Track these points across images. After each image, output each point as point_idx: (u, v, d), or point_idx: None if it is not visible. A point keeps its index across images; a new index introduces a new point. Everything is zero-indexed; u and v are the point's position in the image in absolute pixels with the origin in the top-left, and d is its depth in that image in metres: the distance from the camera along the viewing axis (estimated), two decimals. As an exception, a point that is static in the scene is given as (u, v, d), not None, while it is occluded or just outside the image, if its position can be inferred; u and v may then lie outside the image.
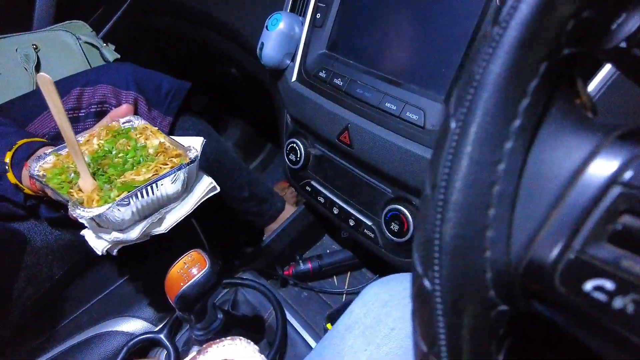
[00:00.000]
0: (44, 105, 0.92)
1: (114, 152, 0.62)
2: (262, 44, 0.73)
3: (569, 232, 0.20)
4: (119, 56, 1.09)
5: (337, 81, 0.67)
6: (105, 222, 0.55)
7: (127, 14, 1.22)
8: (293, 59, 0.75)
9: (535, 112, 0.21)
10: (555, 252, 0.20)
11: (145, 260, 0.90)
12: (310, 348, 0.72)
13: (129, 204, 0.54)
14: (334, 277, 0.91)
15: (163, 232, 0.59)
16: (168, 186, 0.57)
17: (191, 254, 0.58)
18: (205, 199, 0.63)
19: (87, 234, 0.58)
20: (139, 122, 0.70)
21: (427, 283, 0.23)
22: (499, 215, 0.21)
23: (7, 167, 0.70)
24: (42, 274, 0.87)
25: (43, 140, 0.77)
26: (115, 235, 0.55)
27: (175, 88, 0.92)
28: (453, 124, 0.23)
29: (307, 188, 0.79)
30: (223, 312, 0.65)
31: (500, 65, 0.21)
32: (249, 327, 0.71)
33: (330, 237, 1.00)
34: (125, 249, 0.64)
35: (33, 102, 0.91)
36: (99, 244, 0.57)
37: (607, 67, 0.45)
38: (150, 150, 0.62)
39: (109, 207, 0.52)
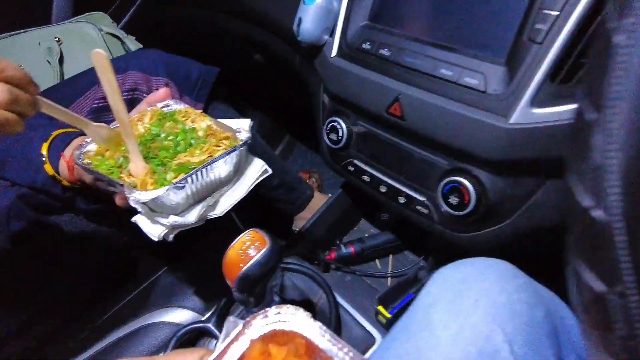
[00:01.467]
0: (72, 98, 0.90)
1: (162, 135, 0.60)
2: (300, 19, 0.71)
3: None
4: (141, 46, 1.07)
5: (384, 51, 0.64)
6: (160, 207, 0.53)
7: (145, 4, 1.20)
8: (331, 34, 0.72)
9: None
10: None
11: (183, 249, 0.88)
12: (365, 330, 0.70)
13: (184, 186, 0.52)
14: (376, 260, 0.89)
15: (218, 215, 0.58)
16: (222, 168, 0.56)
17: (249, 233, 0.56)
18: (258, 181, 0.61)
19: (141, 220, 0.56)
20: (177, 106, 0.68)
21: (600, 214, 0.20)
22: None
23: (44, 159, 0.68)
24: (79, 268, 0.85)
25: (77, 130, 0.75)
26: (174, 218, 0.53)
27: (205, 74, 0.90)
28: (620, 37, 0.20)
29: (350, 168, 0.76)
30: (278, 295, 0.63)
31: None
32: (306, 310, 0.69)
33: (367, 220, 0.97)
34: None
35: (60, 94, 0.89)
36: (154, 229, 0.55)
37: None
38: (200, 133, 0.60)
39: (167, 190, 0.50)
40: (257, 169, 0.61)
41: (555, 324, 0.49)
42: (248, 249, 0.54)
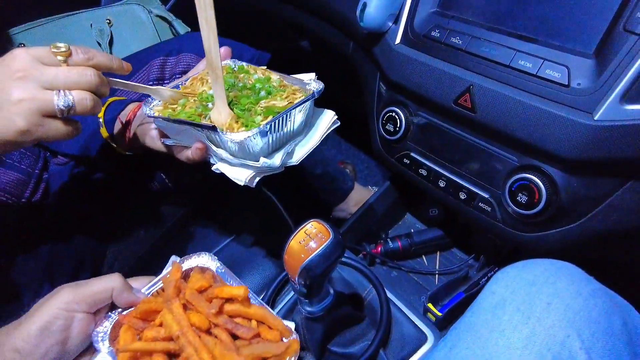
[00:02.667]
0: (123, 79, 0.91)
1: (240, 85, 0.61)
2: (364, 4, 0.68)
3: None
4: (189, 30, 1.06)
5: (455, 40, 0.61)
6: (242, 153, 0.54)
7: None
8: (396, 21, 0.70)
9: None
10: None
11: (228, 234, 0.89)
12: (416, 327, 0.68)
13: (267, 131, 0.53)
14: (423, 256, 0.87)
15: (295, 163, 0.59)
16: (297, 117, 0.57)
17: (311, 223, 0.54)
18: (329, 131, 0.62)
19: (224, 167, 0.57)
20: (238, 65, 0.68)
21: None
22: None
23: (100, 123, 0.69)
24: (126, 250, 0.86)
25: (125, 98, 0.75)
26: (263, 160, 0.54)
27: (256, 58, 0.89)
28: None
29: (405, 160, 0.74)
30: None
31: None
32: (353, 304, 0.67)
33: (413, 215, 0.95)
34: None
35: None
36: (241, 173, 0.56)
37: None
38: (274, 83, 0.61)
39: (258, 131, 0.51)
40: (328, 119, 0.62)
41: (632, 335, 0.47)
42: (310, 240, 0.53)
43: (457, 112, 0.62)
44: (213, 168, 0.59)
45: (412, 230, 0.89)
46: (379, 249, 0.84)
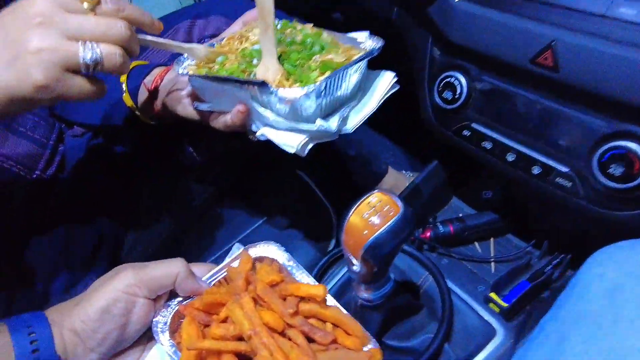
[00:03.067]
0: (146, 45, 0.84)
1: (288, 40, 0.53)
2: (422, -46, 0.60)
3: None
4: (214, -3, 0.99)
5: (533, -10, 0.53)
6: (292, 115, 0.47)
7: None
8: (457, -26, 0.62)
9: None
10: None
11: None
12: (482, 319, 0.60)
13: (323, 90, 0.46)
14: (475, 243, 0.79)
15: (349, 131, 0.53)
16: (352, 78, 0.50)
17: (375, 195, 0.47)
18: (388, 95, 0.55)
19: (271, 133, 0.50)
20: (281, 22, 0.60)
21: None
22: None
23: (123, 89, 0.62)
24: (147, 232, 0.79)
25: (147, 62, 0.68)
26: (320, 123, 0.47)
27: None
28: None
29: (465, 132, 0.66)
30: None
31: None
32: (411, 293, 0.60)
33: (459, 199, 0.87)
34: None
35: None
36: (292, 139, 0.49)
37: None
38: (327, 39, 0.54)
39: (315, 87, 0.44)
40: (387, 81, 0.55)
41: None
42: (375, 214, 0.45)
43: (534, 72, 0.54)
44: (258, 134, 0.52)
45: (460, 215, 0.81)
46: (428, 233, 0.76)
